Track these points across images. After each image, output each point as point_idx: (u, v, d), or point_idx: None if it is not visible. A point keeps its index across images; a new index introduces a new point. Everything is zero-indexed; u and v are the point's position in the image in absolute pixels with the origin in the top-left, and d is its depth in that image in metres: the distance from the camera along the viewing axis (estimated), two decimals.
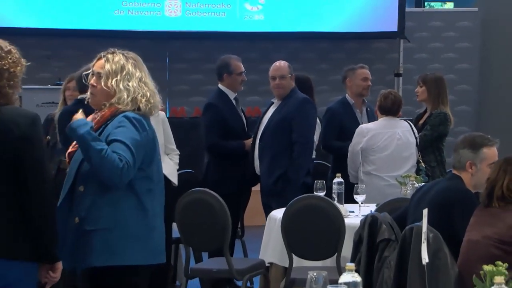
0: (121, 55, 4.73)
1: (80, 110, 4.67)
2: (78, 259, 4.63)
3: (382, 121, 7.67)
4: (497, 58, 11.26)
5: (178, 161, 7.35)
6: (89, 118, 4.77)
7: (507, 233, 4.93)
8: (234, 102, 8.08)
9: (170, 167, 6.93)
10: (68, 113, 5.80)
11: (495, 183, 5.04)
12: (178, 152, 7.37)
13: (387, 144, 7.58)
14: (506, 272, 3.45)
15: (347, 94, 8.29)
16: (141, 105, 4.67)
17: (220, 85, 8.12)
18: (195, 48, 10.62)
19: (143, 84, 4.70)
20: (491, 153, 5.46)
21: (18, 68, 4.34)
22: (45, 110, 7.10)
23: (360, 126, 7.74)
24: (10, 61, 4.31)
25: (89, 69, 4.80)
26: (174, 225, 6.98)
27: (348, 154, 7.63)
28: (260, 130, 7.65)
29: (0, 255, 4.21)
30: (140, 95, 4.66)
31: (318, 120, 8.22)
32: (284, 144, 7.57)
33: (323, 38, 10.89)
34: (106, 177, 4.49)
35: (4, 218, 4.23)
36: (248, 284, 7.11)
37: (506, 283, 3.36)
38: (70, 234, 4.62)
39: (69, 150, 4.86)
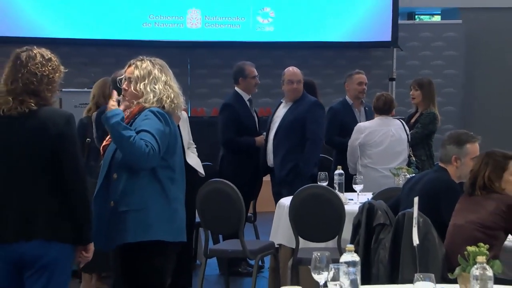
0: (148, 61, 4.75)
1: (114, 92, 4.73)
2: (114, 237, 4.65)
3: (377, 120, 7.68)
4: (479, 65, 11.24)
5: (197, 153, 7.36)
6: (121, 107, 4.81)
7: (488, 218, 4.93)
8: (248, 103, 8.06)
9: (195, 160, 6.94)
10: (99, 114, 5.82)
11: (477, 174, 5.04)
12: (195, 146, 7.37)
13: (382, 140, 7.58)
14: (487, 253, 3.46)
15: (347, 96, 8.30)
16: (165, 105, 4.68)
17: (236, 88, 8.11)
18: (214, 55, 10.61)
19: (168, 87, 4.72)
20: (474, 148, 5.46)
21: (57, 74, 4.34)
22: (82, 111, 7.11)
23: (358, 124, 7.73)
24: (50, 68, 4.32)
25: (121, 75, 4.83)
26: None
27: (348, 149, 7.63)
28: (274, 128, 7.63)
29: (40, 236, 4.22)
30: (165, 96, 4.68)
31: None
32: (296, 141, 7.58)
33: (328, 47, 10.86)
34: (134, 161, 4.52)
35: (44, 204, 4.24)
36: (260, 263, 7.11)
37: (487, 262, 3.36)
38: (107, 215, 4.64)
39: (104, 143, 4.89)
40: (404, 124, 7.78)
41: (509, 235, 5.05)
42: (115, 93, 4.73)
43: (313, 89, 8.18)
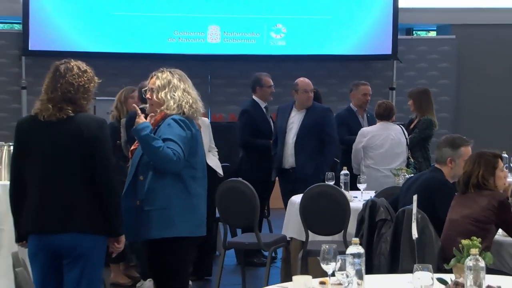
0: (168, 72, 4.76)
1: (135, 106, 4.76)
2: (140, 233, 4.66)
3: (379, 125, 7.68)
4: (470, 75, 11.21)
5: (217, 156, 7.38)
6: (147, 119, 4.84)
7: (481, 213, 4.91)
8: (264, 110, 8.06)
9: (215, 161, 6.93)
10: (133, 118, 5.83)
11: (471, 174, 5.02)
12: (217, 150, 7.39)
13: (383, 143, 7.57)
14: (480, 245, 3.45)
15: (351, 103, 8.31)
16: (185, 110, 4.69)
17: (253, 96, 8.12)
18: (231, 67, 10.60)
19: (186, 93, 4.73)
20: (467, 151, 5.44)
21: (92, 84, 4.37)
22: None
23: (361, 129, 7.73)
24: (86, 78, 4.34)
25: (146, 86, 4.86)
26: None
27: (352, 151, 7.64)
28: (292, 132, 7.59)
29: (76, 229, 4.24)
30: (184, 102, 4.69)
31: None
32: (317, 142, 7.59)
33: (333, 59, 10.84)
34: (163, 167, 4.55)
35: (80, 200, 4.25)
36: (273, 254, 7.09)
37: (480, 254, 3.35)
38: (133, 213, 4.65)
39: (132, 148, 4.91)
40: (404, 128, 7.77)
41: (499, 229, 5.06)
42: (136, 107, 4.77)
43: (318, 96, 8.18)
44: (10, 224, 4.89)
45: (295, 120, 7.62)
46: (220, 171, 7.20)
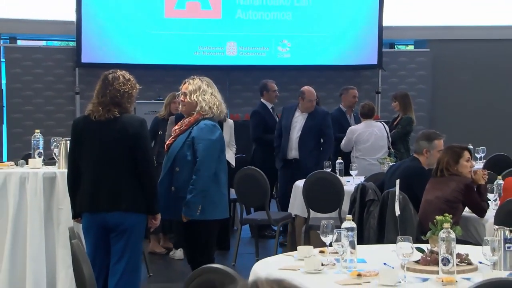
0: (198, 79, 4.78)
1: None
2: (176, 214, 4.69)
3: (363, 123, 7.74)
4: (442, 82, 11.15)
5: (235, 151, 7.37)
6: (178, 124, 4.84)
7: (451, 194, 4.92)
8: (271, 110, 8.09)
9: (229, 154, 6.91)
10: (176, 119, 5.83)
11: (440, 161, 5.06)
12: (235, 146, 7.38)
13: (368, 138, 7.62)
14: (451, 221, 3.44)
15: (341, 105, 8.36)
16: (214, 111, 4.72)
17: (262, 99, 8.14)
18: (246, 75, 10.56)
19: (213, 97, 4.74)
20: (440, 143, 5.45)
21: (134, 90, 4.40)
22: (149, 117, 7.15)
23: (350, 127, 7.81)
24: (129, 86, 4.37)
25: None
26: (232, 190, 7.00)
27: (344, 141, 7.71)
28: (296, 130, 7.54)
29: (122, 208, 4.26)
30: (213, 104, 4.70)
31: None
32: (317, 140, 7.62)
33: (329, 68, 10.78)
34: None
35: (125, 185, 4.27)
36: (281, 228, 7.10)
37: (451, 227, 3.34)
38: (168, 197, 4.67)
39: (167, 142, 4.90)
40: (385, 125, 7.85)
41: (466, 207, 5.06)
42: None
43: (317, 100, 8.23)
44: (67, 204, 4.92)
45: (299, 120, 7.60)
46: (233, 162, 7.20)
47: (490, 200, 5.15)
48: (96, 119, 4.28)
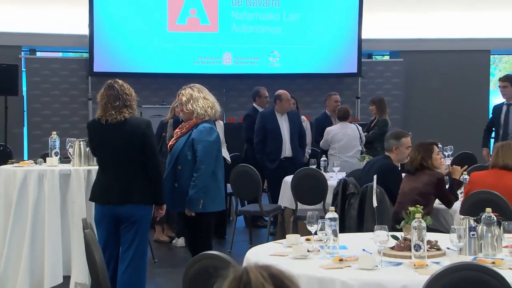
0: (188, 88, 4.75)
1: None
2: (178, 206, 4.69)
3: (339, 125, 7.84)
4: (414, 88, 11.18)
5: (226, 148, 7.29)
6: (180, 127, 4.83)
7: (424, 187, 4.93)
8: None
9: (224, 152, 6.91)
10: (177, 122, 5.83)
11: (414, 159, 5.06)
12: (226, 144, 7.35)
13: (342, 138, 7.68)
14: (422, 211, 3.44)
15: (326, 110, 8.39)
16: (209, 113, 4.71)
17: (254, 104, 8.11)
18: (240, 83, 10.53)
19: (206, 100, 4.71)
20: (407, 140, 5.48)
21: (134, 95, 4.40)
22: (154, 119, 7.09)
23: (327, 128, 7.86)
24: (132, 90, 4.41)
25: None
26: (228, 185, 6.99)
27: (322, 140, 7.77)
28: (285, 130, 7.56)
29: (133, 201, 4.25)
30: (207, 106, 4.69)
31: (309, 124, 8.41)
32: (298, 138, 7.66)
33: (315, 76, 10.78)
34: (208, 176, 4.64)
35: (135, 180, 4.26)
36: (272, 219, 7.10)
37: (422, 217, 3.34)
38: (173, 192, 4.66)
39: (170, 143, 4.89)
40: (359, 127, 7.94)
41: (437, 199, 5.07)
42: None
43: (296, 103, 8.35)
44: (81, 198, 4.89)
45: (283, 122, 7.61)
46: (228, 159, 7.20)
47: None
48: (107, 122, 4.27)
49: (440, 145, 6.42)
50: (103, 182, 4.31)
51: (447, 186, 5.11)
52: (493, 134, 7.54)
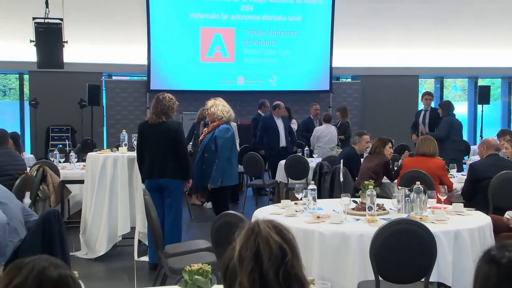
0: (213, 99, 4.78)
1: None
2: (205, 181, 4.66)
3: (324, 126, 7.81)
4: (368, 101, 11.12)
5: (239, 142, 7.25)
6: (207, 127, 4.82)
7: (375, 167, 4.94)
8: None
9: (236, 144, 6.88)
10: (205, 124, 5.81)
11: (374, 147, 5.06)
12: (239, 139, 7.27)
13: (326, 135, 7.67)
14: (373, 184, 3.44)
15: (311, 115, 8.45)
16: (226, 115, 4.69)
17: (259, 111, 8.12)
18: (249, 97, 10.41)
19: (224, 106, 4.72)
20: (366, 137, 5.49)
21: (175, 105, 4.41)
22: (190, 122, 7.11)
23: (315, 128, 7.86)
24: (171, 102, 4.39)
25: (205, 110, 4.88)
26: (241, 166, 6.99)
27: (311, 139, 7.74)
28: (282, 130, 7.50)
29: (169, 176, 4.25)
30: (225, 111, 4.68)
31: (297, 124, 8.35)
32: (289, 134, 7.60)
33: (301, 92, 10.69)
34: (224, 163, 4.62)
35: (171, 162, 4.26)
36: (271, 189, 7.10)
37: (374, 188, 3.34)
38: (201, 172, 4.64)
39: (200, 138, 4.89)
40: (335, 127, 7.92)
41: (385, 176, 5.06)
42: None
43: (289, 111, 8.30)
44: (139, 176, 4.90)
45: (279, 123, 7.62)
46: (239, 149, 7.21)
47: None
48: (152, 123, 4.28)
49: (393, 141, 6.44)
50: (148, 163, 4.31)
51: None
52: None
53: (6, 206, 3.05)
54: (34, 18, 7.41)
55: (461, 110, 10.86)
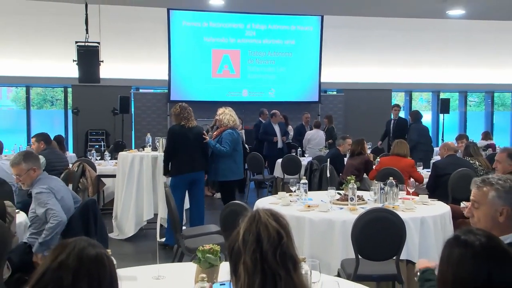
0: (223, 108, 4.76)
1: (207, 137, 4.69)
2: (215, 176, 4.65)
3: (314, 130, 7.83)
4: (350, 110, 11.08)
5: (245, 144, 7.29)
6: (216, 131, 4.79)
7: (358, 165, 4.92)
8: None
9: (244, 145, 6.87)
10: (215, 128, 5.79)
11: (355, 148, 5.04)
12: (246, 145, 7.32)
13: (316, 138, 7.65)
14: (355, 179, 3.43)
15: (302, 122, 8.40)
16: (232, 122, 4.68)
17: (260, 118, 8.11)
18: (252, 107, 10.38)
19: (231, 115, 4.69)
20: (348, 140, 5.44)
21: (192, 113, 4.37)
22: (204, 128, 7.08)
23: (307, 132, 7.82)
24: (191, 110, 4.37)
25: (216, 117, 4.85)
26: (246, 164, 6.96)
27: (303, 141, 7.70)
28: (280, 135, 7.55)
29: (198, 170, 4.28)
30: (231, 120, 4.66)
31: (293, 130, 8.31)
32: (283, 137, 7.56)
33: (294, 103, 10.66)
34: (219, 154, 4.55)
35: (199, 159, 4.29)
36: (270, 183, 7.08)
37: (355, 182, 3.33)
38: (212, 168, 4.63)
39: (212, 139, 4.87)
40: (324, 132, 7.85)
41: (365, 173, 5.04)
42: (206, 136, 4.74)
43: (286, 118, 8.26)
44: (162, 170, 4.88)
45: (277, 128, 7.62)
46: (247, 148, 7.18)
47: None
48: (188, 126, 4.30)
49: (369, 143, 6.43)
50: (182, 160, 4.29)
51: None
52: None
53: (64, 201, 2.99)
54: (76, 42, 7.61)
55: (426, 118, 10.83)
